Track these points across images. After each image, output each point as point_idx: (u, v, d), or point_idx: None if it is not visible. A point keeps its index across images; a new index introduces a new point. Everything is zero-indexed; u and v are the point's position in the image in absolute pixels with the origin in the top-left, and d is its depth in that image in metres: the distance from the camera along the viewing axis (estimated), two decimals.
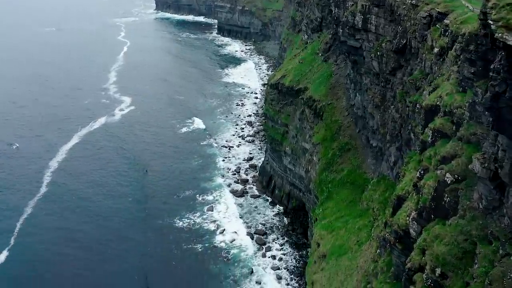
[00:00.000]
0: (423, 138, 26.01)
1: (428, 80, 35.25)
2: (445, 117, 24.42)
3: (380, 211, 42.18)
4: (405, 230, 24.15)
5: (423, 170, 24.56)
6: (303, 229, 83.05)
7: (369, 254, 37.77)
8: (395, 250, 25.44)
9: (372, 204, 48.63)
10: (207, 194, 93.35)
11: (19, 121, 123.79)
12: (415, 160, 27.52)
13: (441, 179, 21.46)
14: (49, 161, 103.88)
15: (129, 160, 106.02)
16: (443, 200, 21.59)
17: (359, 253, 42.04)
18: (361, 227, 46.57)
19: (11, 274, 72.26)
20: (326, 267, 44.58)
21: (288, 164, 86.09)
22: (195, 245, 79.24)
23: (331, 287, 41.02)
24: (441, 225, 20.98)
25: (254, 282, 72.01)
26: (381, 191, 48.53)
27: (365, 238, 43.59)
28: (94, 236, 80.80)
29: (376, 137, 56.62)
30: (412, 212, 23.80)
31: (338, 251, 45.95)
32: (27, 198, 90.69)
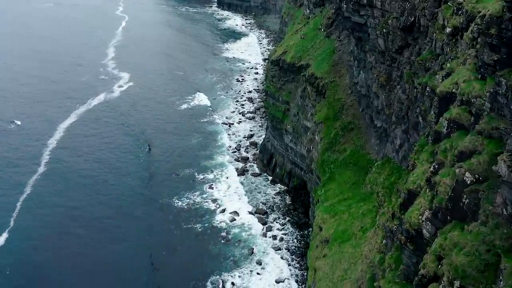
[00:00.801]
0: (438, 128, 23.81)
1: (439, 62, 32.85)
2: (462, 107, 22.18)
3: (385, 197, 40.27)
4: (417, 230, 22.20)
5: (437, 164, 22.43)
6: (304, 208, 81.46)
7: (374, 243, 36.04)
8: (406, 250, 23.56)
9: (377, 188, 46.66)
10: (207, 172, 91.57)
11: (19, 97, 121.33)
12: (427, 151, 25.37)
13: (460, 178, 19.37)
14: (49, 139, 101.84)
15: (128, 137, 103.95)
16: (462, 201, 19.53)
17: (363, 240, 40.31)
18: (365, 212, 44.74)
19: (11, 253, 71.08)
20: (329, 254, 42.91)
21: (289, 142, 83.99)
22: (195, 225, 77.79)
23: (334, 275, 39.45)
24: (460, 230, 18.97)
25: (254, 262, 70.67)
26: (386, 175, 46.50)
27: (370, 224, 41.82)
28: (94, 215, 79.39)
29: (381, 118, 54.31)
30: (425, 211, 21.77)
31: (341, 237, 44.22)
32: (28, 175, 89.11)
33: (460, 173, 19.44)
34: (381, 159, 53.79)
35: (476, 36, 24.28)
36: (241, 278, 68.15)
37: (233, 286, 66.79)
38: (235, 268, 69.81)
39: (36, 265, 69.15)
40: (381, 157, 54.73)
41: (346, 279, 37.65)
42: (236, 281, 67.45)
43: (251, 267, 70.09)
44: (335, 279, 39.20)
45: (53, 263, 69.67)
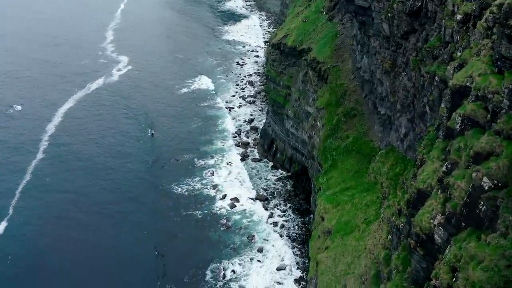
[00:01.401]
0: (450, 125, 22.19)
1: (448, 50, 31.08)
2: (477, 103, 20.53)
3: (390, 188, 38.83)
4: (428, 234, 20.77)
5: (450, 164, 20.87)
6: (305, 194, 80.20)
7: (378, 238, 34.72)
8: (415, 255, 22.16)
9: (381, 178, 45.18)
10: (207, 158, 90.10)
11: (19, 82, 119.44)
12: (438, 148, 23.79)
13: (477, 183, 17.82)
14: (48, 124, 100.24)
15: (128, 122, 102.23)
16: (478, 208, 18.00)
17: (367, 233, 38.98)
18: (369, 203, 43.32)
19: (12, 238, 70.34)
20: (332, 246, 41.62)
21: (290, 128, 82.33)
22: (195, 211, 76.60)
23: (337, 269, 38.21)
24: (476, 240, 17.50)
25: (255, 250, 69.62)
26: (390, 165, 44.97)
27: (374, 217, 40.46)
28: (94, 199, 78.58)
29: (385, 105, 52.57)
30: (438, 215, 20.29)
31: (344, 228, 42.89)
32: (28, 160, 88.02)
33: (477, 177, 17.88)
34: (385, 147, 52.24)
35: (492, 26, 22.56)
36: (241, 265, 67.15)
37: (233, 273, 65.87)
38: (236, 256, 68.76)
39: (37, 250, 68.24)
40: (384, 145, 53.17)
41: (349, 274, 36.43)
42: (237, 268, 66.47)
43: (252, 254, 69.06)
44: (337, 273, 37.99)
45: (54, 248, 68.74)
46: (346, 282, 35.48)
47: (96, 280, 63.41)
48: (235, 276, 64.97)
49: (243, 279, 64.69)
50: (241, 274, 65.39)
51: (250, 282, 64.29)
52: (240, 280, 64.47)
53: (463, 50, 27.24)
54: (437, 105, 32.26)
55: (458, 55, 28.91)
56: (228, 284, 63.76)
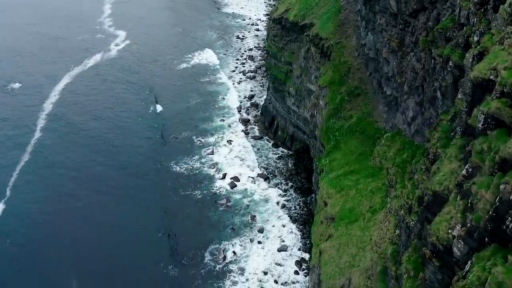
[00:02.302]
0: (472, 122, 20.02)
1: (463, 33, 28.60)
2: (503, 99, 18.28)
3: (397, 177, 36.83)
4: (446, 246, 18.83)
5: (472, 168, 18.79)
6: (307, 173, 78.33)
7: (385, 230, 32.95)
8: (430, 265, 20.28)
9: (386, 163, 43.13)
10: (206, 135, 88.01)
11: (19, 56, 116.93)
12: (455, 145, 21.64)
13: (505, 197, 15.75)
14: (47, 99, 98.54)
15: (127, 98, 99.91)
16: (505, 224, 15.99)
17: (372, 222, 37.19)
18: (374, 190, 41.39)
19: (13, 216, 69.66)
20: (335, 235, 39.90)
21: (292, 105, 79.92)
22: (194, 191, 74.93)
23: (341, 260, 36.58)
24: (503, 262, 15.50)
25: (256, 230, 68.14)
26: (397, 149, 42.84)
27: (379, 205, 38.59)
28: (93, 176, 77.58)
29: (391, 85, 50.09)
30: (457, 225, 18.31)
31: (349, 216, 41.09)
32: (28, 136, 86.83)
33: (506, 190, 15.78)
34: (390, 130, 50.02)
35: None
36: (242, 246, 65.78)
37: (234, 255, 64.57)
38: (236, 236, 67.33)
39: (37, 228, 67.33)
40: (390, 126, 50.92)
41: (354, 266, 34.79)
42: (237, 249, 65.11)
43: (252, 235, 67.63)
44: (341, 264, 36.35)
45: (54, 225, 67.83)
46: (351, 275, 33.87)
47: (95, 259, 62.21)
48: (235, 258, 63.65)
49: (243, 260, 63.40)
50: (241, 256, 64.06)
51: (250, 263, 63.01)
52: (240, 261, 63.19)
53: (481, 36, 24.86)
54: (450, 91, 30.04)
55: (475, 40, 26.52)
56: (227, 266, 62.50)
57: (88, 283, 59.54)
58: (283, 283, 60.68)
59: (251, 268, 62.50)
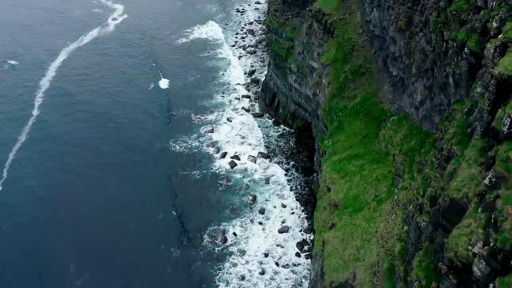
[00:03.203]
0: (496, 125, 18.05)
1: (481, 18, 26.26)
2: None
3: (405, 166, 34.97)
4: (465, 263, 17.09)
5: (495, 177, 16.94)
6: (308, 152, 76.53)
7: (392, 224, 31.31)
8: (446, 281, 18.60)
9: (393, 149, 41.21)
10: (206, 113, 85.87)
11: (18, 30, 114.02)
12: (475, 147, 19.68)
13: None
14: (47, 73, 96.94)
15: (124, 74, 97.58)
16: None
17: (378, 213, 35.54)
18: (380, 177, 39.57)
19: (11, 191, 69.13)
20: (339, 224, 38.30)
21: (294, 82, 77.52)
22: (194, 170, 73.30)
23: (345, 252, 35.06)
24: None
25: (256, 211, 66.71)
26: (403, 135, 40.85)
27: (385, 194, 36.85)
28: (93, 151, 76.92)
29: (397, 65, 47.72)
30: (478, 242, 16.54)
31: (353, 204, 39.41)
32: (28, 109, 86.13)
33: None
34: (396, 112, 47.90)
35: None
36: (242, 228, 64.44)
37: (234, 236, 63.30)
38: (236, 217, 65.93)
39: (37, 203, 66.80)
40: (395, 108, 48.78)
41: (358, 260, 33.27)
42: (237, 231, 63.79)
43: (253, 216, 66.24)
44: (346, 257, 34.84)
45: (54, 200, 67.46)
46: (356, 270, 32.39)
47: (95, 240, 61.25)
48: (236, 239, 62.41)
49: (243, 242, 62.15)
50: (241, 237, 62.78)
51: (251, 245, 61.78)
52: (241, 243, 61.93)
53: (502, 23, 22.65)
54: (464, 80, 27.92)
55: (494, 26, 24.30)
56: (228, 248, 61.30)
57: (87, 263, 58.42)
58: (284, 265, 59.56)
59: (251, 250, 61.29)
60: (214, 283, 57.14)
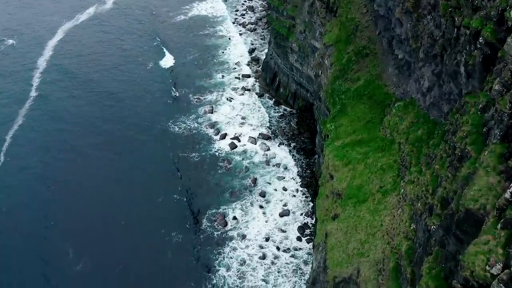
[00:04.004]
0: None
1: (497, 5, 24.42)
2: None
3: (412, 157, 33.49)
4: (482, 284, 15.79)
5: None
6: (310, 133, 75.07)
7: (398, 220, 30.04)
8: None
9: (398, 137, 39.67)
10: (205, 93, 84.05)
11: (15, 7, 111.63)
12: (494, 153, 18.18)
13: None
14: (45, 52, 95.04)
15: (122, 51, 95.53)
16: None
17: (383, 205, 34.25)
18: (385, 167, 38.14)
19: (10, 170, 68.87)
20: (342, 216, 37.08)
21: (295, 62, 75.46)
22: (193, 152, 72.08)
23: (348, 246, 33.92)
24: None
25: (257, 194, 65.69)
26: (410, 122, 39.25)
27: (391, 186, 35.49)
28: (92, 129, 76.55)
29: (403, 48, 45.77)
30: (498, 264, 15.22)
31: (357, 194, 38.10)
32: (27, 90, 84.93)
33: None
34: (402, 96, 46.18)
35: None
36: (243, 211, 63.49)
37: (234, 220, 62.37)
38: (236, 201, 64.92)
39: (36, 182, 67.08)
40: (401, 92, 47.02)
41: (363, 255, 32.13)
42: (238, 215, 62.87)
43: (254, 199, 65.23)
44: (349, 250, 33.72)
45: (54, 180, 67.47)
46: (360, 266, 31.30)
47: (94, 220, 61.08)
48: (236, 223, 61.54)
49: (243, 226, 61.32)
50: (242, 221, 61.90)
51: (251, 229, 60.96)
52: (241, 227, 61.10)
53: None
54: (478, 72, 26.20)
55: (510, 15, 22.56)
56: (227, 233, 60.50)
57: (87, 247, 57.75)
58: (285, 249, 58.83)
59: (252, 234, 60.51)
60: (215, 268, 56.58)
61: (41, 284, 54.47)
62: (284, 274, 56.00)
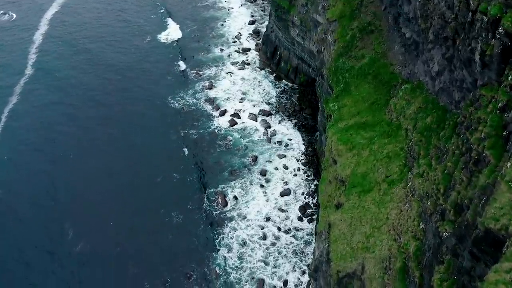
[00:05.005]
0: None
1: None
2: None
3: (420, 147, 31.75)
4: None
5: None
6: (311, 109, 73.18)
7: (406, 216, 28.58)
8: None
9: (406, 122, 37.84)
10: (204, 68, 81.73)
11: None
12: None
13: None
14: (42, 23, 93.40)
15: (118, 25, 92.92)
16: None
17: (389, 197, 32.77)
18: (391, 154, 36.48)
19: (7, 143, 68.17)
20: (347, 206, 35.65)
21: (296, 36, 72.89)
22: (192, 129, 70.40)
23: (353, 239, 32.61)
24: None
25: (257, 173, 64.29)
26: (417, 107, 37.34)
27: (397, 175, 33.91)
28: (88, 106, 74.85)
29: (411, 27, 43.44)
30: None
31: (362, 183, 36.57)
32: (24, 60, 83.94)
33: None
34: (408, 77, 44.10)
35: None
36: (243, 190, 62.19)
37: (234, 200, 61.19)
38: (236, 179, 63.57)
39: (36, 154, 66.35)
40: (407, 73, 44.89)
41: (368, 250, 30.84)
42: (238, 194, 61.62)
43: (254, 177, 63.85)
44: (354, 244, 32.42)
45: (54, 153, 66.42)
46: (365, 262, 30.06)
47: (92, 200, 60.19)
48: (236, 203, 60.39)
49: (244, 206, 60.18)
50: (242, 201, 60.71)
51: (251, 209, 59.83)
52: (241, 207, 59.97)
53: None
54: (496, 63, 24.22)
55: None
56: (227, 213, 59.41)
57: (85, 227, 57.04)
58: (285, 230, 57.76)
59: (252, 214, 59.40)
60: (216, 247, 55.67)
61: (42, 265, 53.73)
62: (284, 255, 55.12)
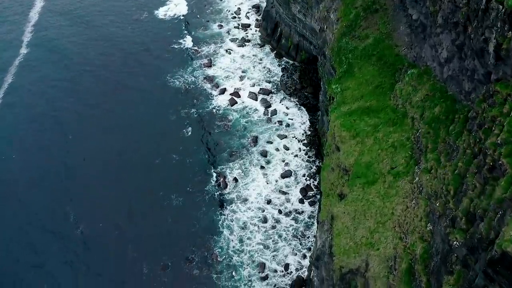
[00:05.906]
0: None
1: None
2: None
3: (428, 140, 30.42)
4: None
5: None
6: (313, 87, 71.59)
7: (412, 214, 27.45)
8: None
9: (412, 110, 36.38)
10: (202, 45, 79.65)
11: None
12: None
13: None
14: None
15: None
16: None
17: (395, 190, 31.62)
18: (396, 144, 35.17)
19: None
20: (350, 197, 34.55)
21: (298, 13, 70.57)
22: (192, 108, 69.06)
23: (356, 233, 31.62)
24: None
25: (257, 153, 63.23)
26: (424, 95, 35.84)
27: (403, 167, 32.67)
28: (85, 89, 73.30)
29: (418, 9, 41.51)
30: None
31: (366, 174, 35.38)
32: (20, 32, 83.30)
33: None
34: (414, 61, 42.45)
35: None
36: (243, 172, 61.25)
37: (234, 182, 60.26)
38: (237, 161, 62.54)
39: (35, 133, 65.83)
40: (414, 56, 43.16)
41: (372, 246, 29.88)
42: (238, 176, 60.73)
43: (254, 159, 62.78)
44: (357, 238, 31.47)
45: (53, 131, 65.73)
46: (369, 259, 29.16)
47: (92, 183, 59.75)
48: (236, 185, 59.55)
49: (244, 188, 59.34)
50: (242, 183, 59.85)
51: (252, 191, 59.04)
52: (241, 189, 59.16)
53: None
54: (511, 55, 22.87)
55: None
56: (227, 195, 58.67)
57: (86, 210, 56.83)
58: (286, 213, 57.03)
59: (252, 197, 58.62)
60: (216, 230, 55.19)
61: (42, 248, 53.44)
62: (285, 238, 54.55)
